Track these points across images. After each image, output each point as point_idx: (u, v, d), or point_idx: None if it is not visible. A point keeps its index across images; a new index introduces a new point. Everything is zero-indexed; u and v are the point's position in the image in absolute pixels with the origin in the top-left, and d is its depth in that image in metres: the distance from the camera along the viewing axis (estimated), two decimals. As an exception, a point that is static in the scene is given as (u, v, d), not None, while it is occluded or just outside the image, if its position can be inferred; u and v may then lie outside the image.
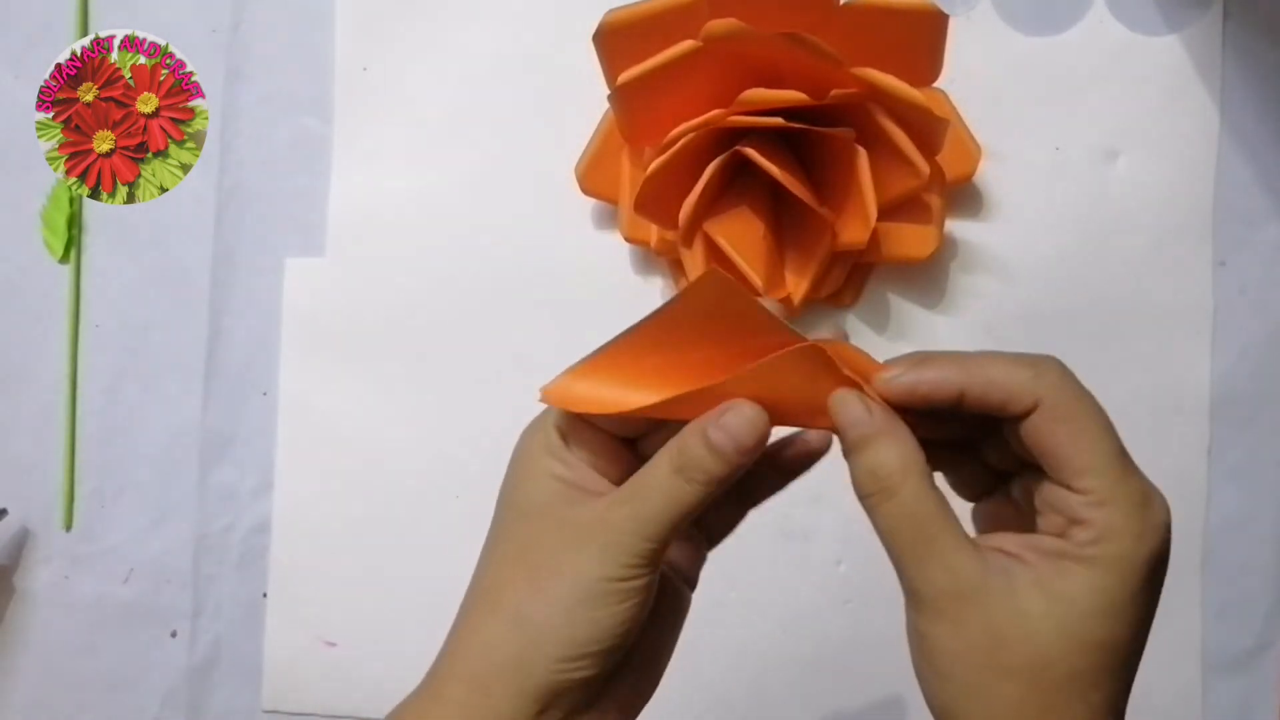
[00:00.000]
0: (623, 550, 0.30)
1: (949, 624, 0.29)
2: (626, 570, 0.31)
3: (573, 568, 0.31)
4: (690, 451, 0.31)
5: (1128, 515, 0.29)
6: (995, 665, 0.29)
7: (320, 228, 0.60)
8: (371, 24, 0.59)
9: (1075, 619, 0.28)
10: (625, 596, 0.31)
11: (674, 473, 0.31)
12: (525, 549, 0.32)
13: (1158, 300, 0.55)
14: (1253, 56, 0.54)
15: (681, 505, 0.31)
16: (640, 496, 0.31)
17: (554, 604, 0.31)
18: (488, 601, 0.32)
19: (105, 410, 0.61)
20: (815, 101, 0.48)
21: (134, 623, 0.60)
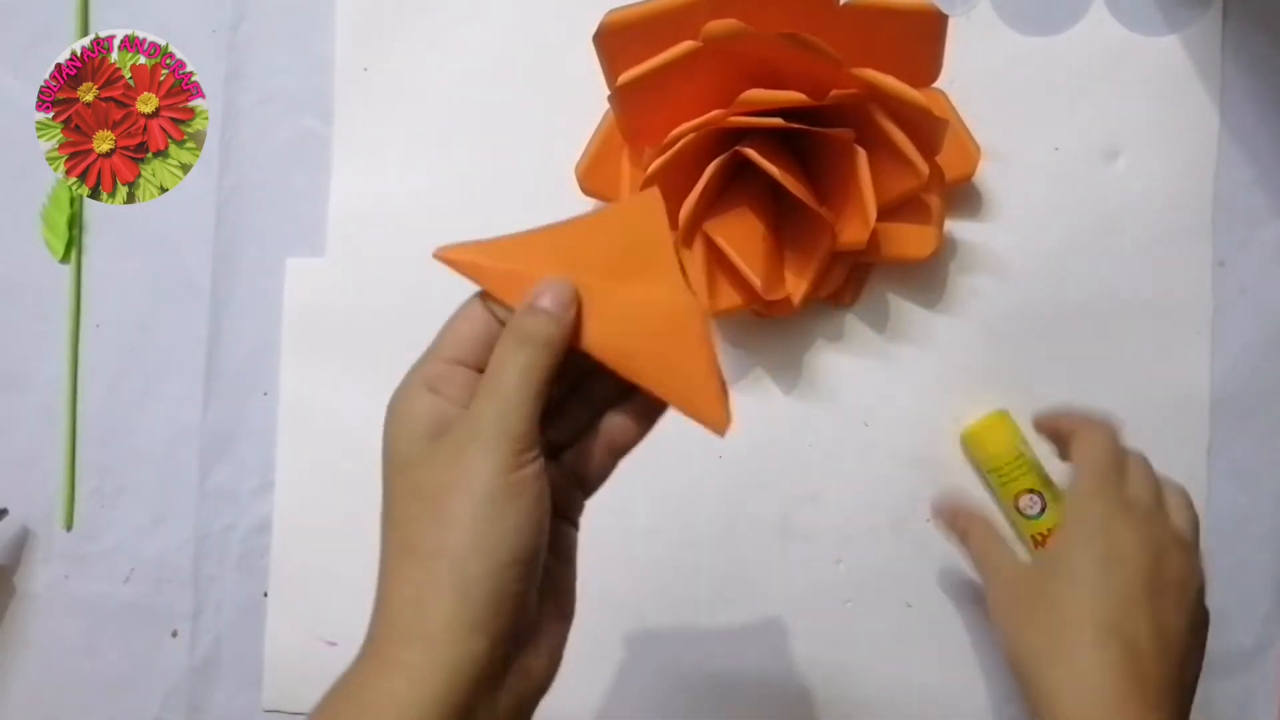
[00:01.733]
0: (503, 438, 0.32)
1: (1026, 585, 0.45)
2: (513, 458, 0.32)
3: (464, 480, 0.31)
4: (524, 324, 0.33)
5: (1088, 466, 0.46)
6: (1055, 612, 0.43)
7: (320, 228, 0.60)
8: (371, 24, 0.59)
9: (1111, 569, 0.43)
10: (521, 488, 0.32)
11: (517, 346, 0.33)
12: (416, 487, 0.33)
13: (1158, 300, 0.55)
14: (1253, 56, 0.54)
15: (533, 373, 0.33)
16: (496, 383, 0.33)
17: (460, 522, 0.31)
18: (400, 551, 0.33)
19: (105, 410, 0.61)
20: (815, 102, 0.48)
21: (134, 623, 0.60)
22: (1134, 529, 0.43)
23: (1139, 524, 0.44)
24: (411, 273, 0.59)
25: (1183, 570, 0.44)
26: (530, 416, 0.32)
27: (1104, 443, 0.46)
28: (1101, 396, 0.55)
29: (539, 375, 0.33)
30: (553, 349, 0.33)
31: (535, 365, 0.33)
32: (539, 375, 0.33)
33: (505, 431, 0.32)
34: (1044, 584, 0.44)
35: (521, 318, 0.34)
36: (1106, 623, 0.41)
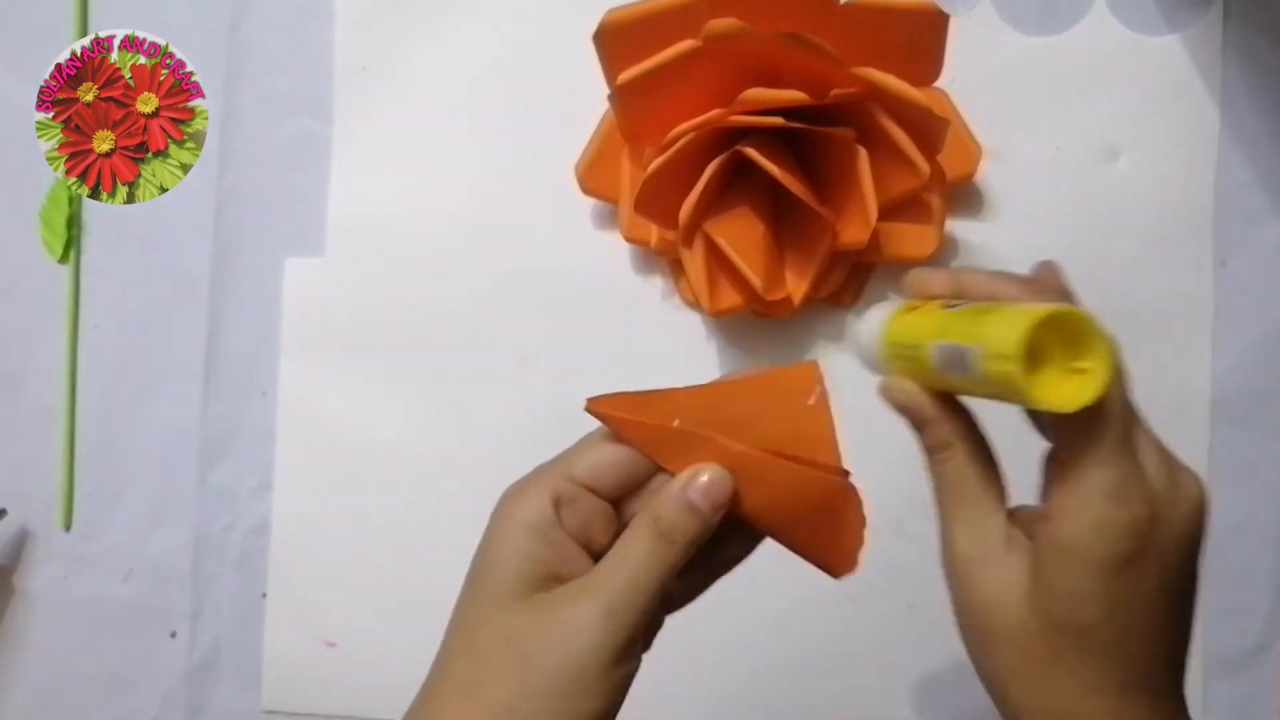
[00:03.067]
0: (618, 634, 0.31)
1: (966, 582, 0.32)
2: (622, 654, 0.31)
3: (566, 658, 0.31)
4: (673, 518, 0.32)
5: (1092, 507, 0.30)
6: (992, 630, 0.32)
7: (320, 228, 0.60)
8: (371, 24, 0.59)
9: (1047, 601, 0.31)
10: (619, 679, 0.32)
11: (658, 540, 0.32)
12: (510, 638, 0.32)
13: (1158, 300, 0.55)
14: (1253, 56, 0.54)
15: (666, 568, 0.32)
16: (627, 571, 0.32)
17: (548, 697, 0.31)
18: (467, 689, 0.32)
19: (105, 410, 0.61)
20: (815, 101, 0.48)
21: (134, 623, 0.60)
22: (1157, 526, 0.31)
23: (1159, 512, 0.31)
24: (411, 272, 0.59)
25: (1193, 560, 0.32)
26: (651, 613, 0.32)
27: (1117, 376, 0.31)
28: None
29: (671, 574, 0.32)
30: (692, 549, 0.33)
31: (671, 565, 0.32)
32: (671, 574, 0.32)
33: (623, 627, 0.31)
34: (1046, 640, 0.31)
35: (671, 509, 0.33)
36: (1128, 681, 0.32)
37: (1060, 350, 0.29)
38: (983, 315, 0.30)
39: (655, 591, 0.32)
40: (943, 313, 0.33)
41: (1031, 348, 0.28)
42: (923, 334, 0.33)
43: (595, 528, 0.34)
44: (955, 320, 0.32)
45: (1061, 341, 0.29)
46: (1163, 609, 0.31)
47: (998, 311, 0.30)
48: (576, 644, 0.31)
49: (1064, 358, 0.29)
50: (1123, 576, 0.30)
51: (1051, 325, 0.28)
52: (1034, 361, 0.28)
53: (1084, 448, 0.30)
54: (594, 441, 0.34)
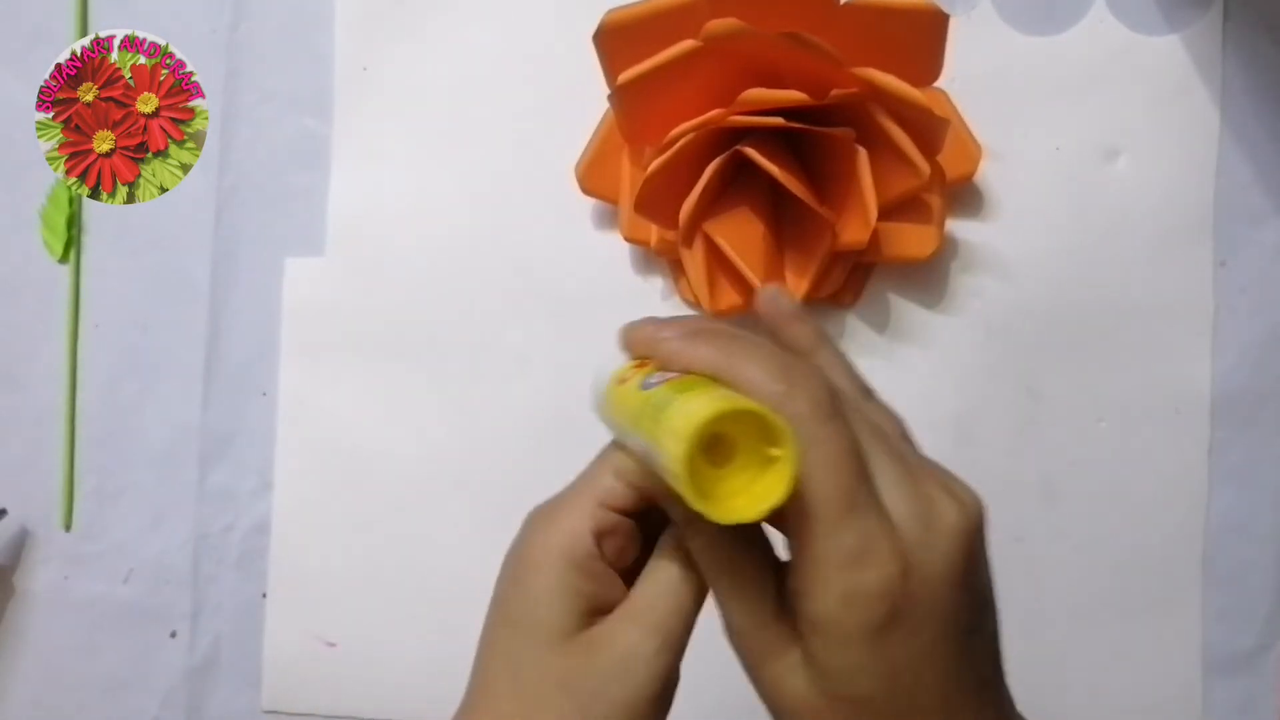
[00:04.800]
0: (671, 653, 0.31)
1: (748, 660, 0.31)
2: (674, 674, 0.31)
3: (624, 690, 0.31)
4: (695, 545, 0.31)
5: (832, 578, 0.27)
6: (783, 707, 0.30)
7: (320, 227, 0.60)
8: (371, 24, 0.59)
9: (819, 677, 0.28)
10: (671, 701, 0.32)
11: (690, 559, 0.31)
12: (564, 680, 0.31)
13: (1158, 300, 0.55)
14: (1253, 56, 0.54)
15: (702, 587, 0.31)
16: (670, 592, 0.31)
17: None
18: None
19: (105, 410, 0.61)
20: (815, 101, 0.48)
21: (134, 623, 0.60)
22: None
23: None
24: (411, 272, 0.59)
25: None
26: (687, 634, 0.32)
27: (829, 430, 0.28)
28: (1101, 396, 0.55)
29: (705, 594, 0.31)
30: None
31: (703, 583, 0.31)
32: (705, 594, 0.31)
33: (674, 651, 0.31)
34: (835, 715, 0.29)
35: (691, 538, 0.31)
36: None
37: (750, 436, 0.26)
38: (658, 410, 0.27)
39: (695, 611, 0.32)
40: (639, 393, 0.29)
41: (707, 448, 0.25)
42: (626, 419, 0.30)
43: (629, 549, 0.33)
44: (646, 409, 0.28)
45: (747, 429, 0.25)
46: (947, 654, 0.28)
47: (669, 409, 0.26)
48: (634, 677, 0.30)
49: (756, 442, 0.26)
50: (888, 640, 0.27)
51: (718, 425, 0.25)
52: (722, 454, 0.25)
53: (805, 521, 0.27)
54: (615, 457, 0.32)
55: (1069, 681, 0.55)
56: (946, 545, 0.28)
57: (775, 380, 0.27)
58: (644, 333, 0.31)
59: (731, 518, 0.25)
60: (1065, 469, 0.54)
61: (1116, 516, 0.54)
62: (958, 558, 0.28)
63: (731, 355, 0.28)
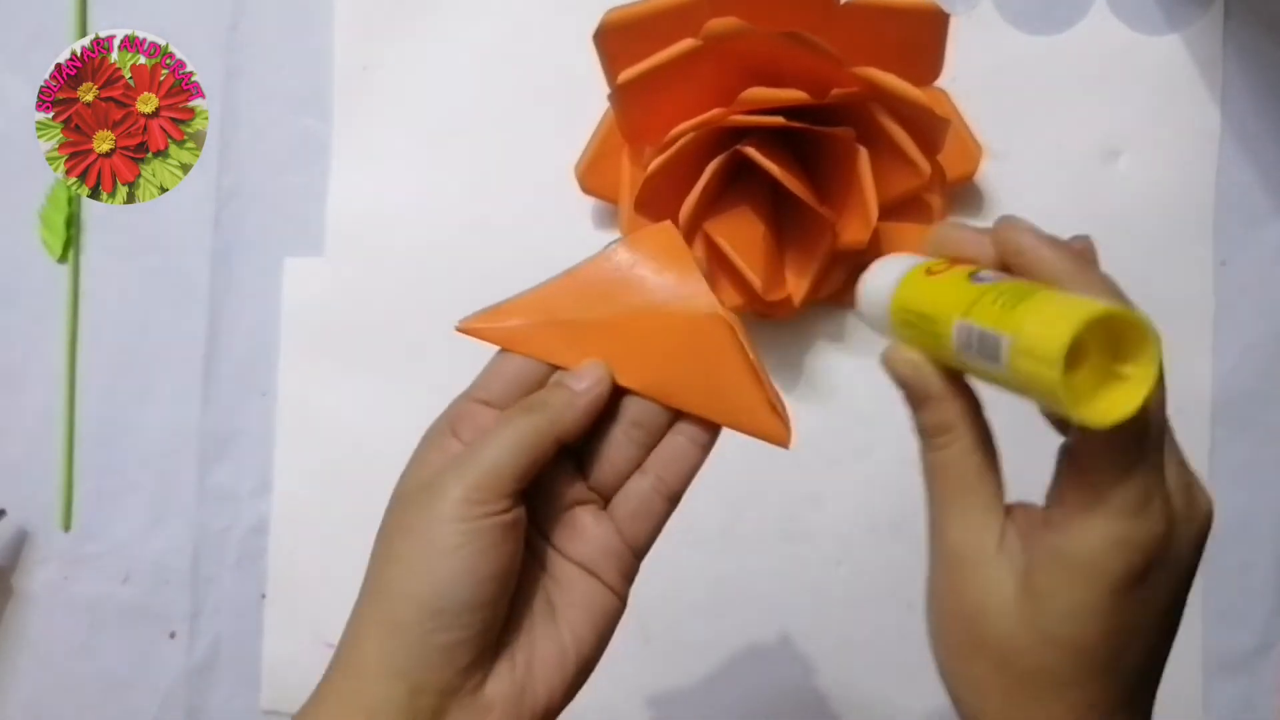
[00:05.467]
0: (463, 486, 0.31)
1: (952, 582, 0.30)
2: (470, 508, 0.31)
3: (418, 523, 0.31)
4: (545, 394, 0.33)
5: (1110, 519, 0.27)
6: (973, 638, 0.29)
7: (319, 227, 0.59)
8: (371, 24, 0.59)
9: (1041, 615, 0.28)
10: (471, 538, 0.31)
11: (521, 410, 0.33)
12: (386, 526, 0.33)
13: (1158, 300, 0.54)
14: (1254, 56, 0.54)
15: (526, 437, 0.32)
16: (486, 438, 0.32)
17: (399, 563, 0.31)
18: (363, 586, 0.33)
19: (104, 410, 0.61)
20: (816, 101, 0.48)
21: (133, 623, 0.60)
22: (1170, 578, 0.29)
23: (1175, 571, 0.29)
24: (411, 272, 0.59)
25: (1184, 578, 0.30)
26: (501, 473, 0.31)
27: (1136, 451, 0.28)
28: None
29: (531, 441, 0.32)
30: (557, 422, 0.33)
31: (530, 431, 0.32)
32: (531, 441, 0.32)
33: (469, 481, 0.31)
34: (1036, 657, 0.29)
35: (546, 391, 0.34)
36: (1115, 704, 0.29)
37: (1100, 351, 0.25)
38: (1020, 300, 0.26)
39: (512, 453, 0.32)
40: (971, 285, 0.28)
41: (1074, 351, 0.25)
42: (944, 306, 0.29)
43: None
44: (986, 298, 0.27)
45: (1104, 341, 0.25)
46: (1162, 629, 0.29)
47: (1037, 298, 0.26)
48: (428, 511, 0.31)
49: (1104, 359, 0.25)
50: (1130, 595, 0.27)
51: (1100, 327, 0.25)
52: (1073, 363, 0.25)
53: (1114, 458, 0.27)
54: (491, 361, 0.35)
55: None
56: (1198, 527, 0.29)
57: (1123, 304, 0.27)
58: (979, 231, 0.30)
59: (1094, 415, 0.25)
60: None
61: (1117, 517, 0.54)
62: (1201, 541, 0.29)
63: (1083, 270, 0.28)
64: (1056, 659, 0.28)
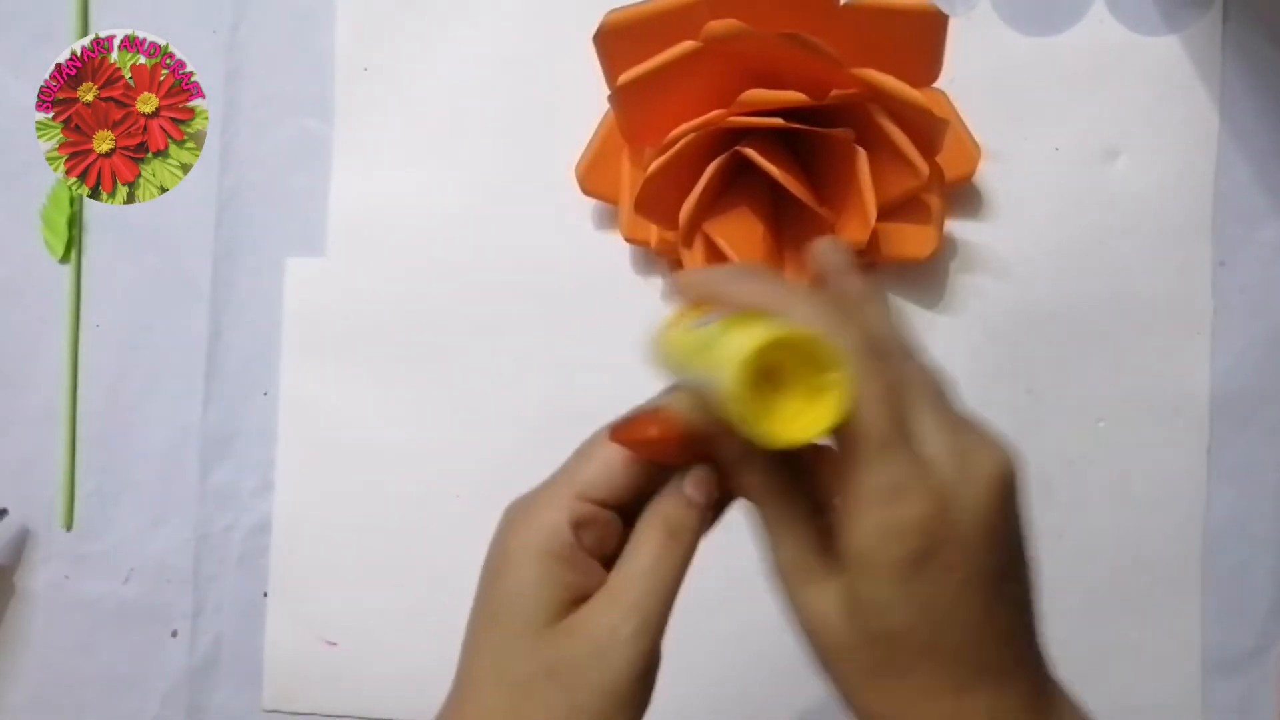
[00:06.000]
0: (648, 639, 0.31)
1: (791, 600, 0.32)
2: (653, 658, 0.32)
3: (605, 674, 0.31)
4: (674, 515, 0.32)
5: (870, 512, 0.28)
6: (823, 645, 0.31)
7: (320, 228, 0.60)
8: (372, 24, 0.59)
9: (854, 611, 0.30)
10: (652, 684, 0.32)
11: (666, 538, 0.32)
12: (549, 668, 0.31)
13: (1158, 300, 0.55)
14: (1253, 57, 0.54)
15: (680, 565, 0.32)
16: (646, 575, 0.32)
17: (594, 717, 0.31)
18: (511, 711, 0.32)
19: (105, 410, 0.61)
20: (815, 102, 0.48)
21: (134, 623, 0.60)
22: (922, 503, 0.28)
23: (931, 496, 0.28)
24: (412, 272, 0.59)
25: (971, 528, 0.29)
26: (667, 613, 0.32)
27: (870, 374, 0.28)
28: (1101, 396, 0.55)
29: (684, 570, 0.33)
30: (698, 541, 0.33)
31: (683, 561, 0.33)
32: (684, 570, 0.33)
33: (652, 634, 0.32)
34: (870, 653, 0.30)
35: (670, 506, 0.33)
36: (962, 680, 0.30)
37: (801, 366, 0.26)
38: (712, 343, 0.28)
39: (673, 591, 0.32)
40: (692, 331, 0.30)
41: (759, 378, 0.26)
42: (679, 356, 0.31)
43: (609, 539, 0.33)
44: (697, 344, 0.29)
45: (799, 358, 0.26)
46: (976, 596, 0.29)
47: (724, 338, 0.27)
48: (613, 659, 0.31)
49: (807, 372, 0.27)
50: (920, 578, 0.28)
51: (773, 352, 0.26)
52: (772, 385, 0.26)
53: (848, 454, 0.28)
54: (599, 450, 0.33)
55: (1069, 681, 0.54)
56: (980, 490, 0.28)
57: (825, 317, 0.28)
58: (695, 277, 0.33)
59: (786, 439, 0.26)
60: (1064, 469, 0.54)
61: (1116, 517, 0.54)
62: (991, 503, 0.29)
63: (782, 294, 0.29)
64: (885, 653, 0.30)
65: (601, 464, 0.33)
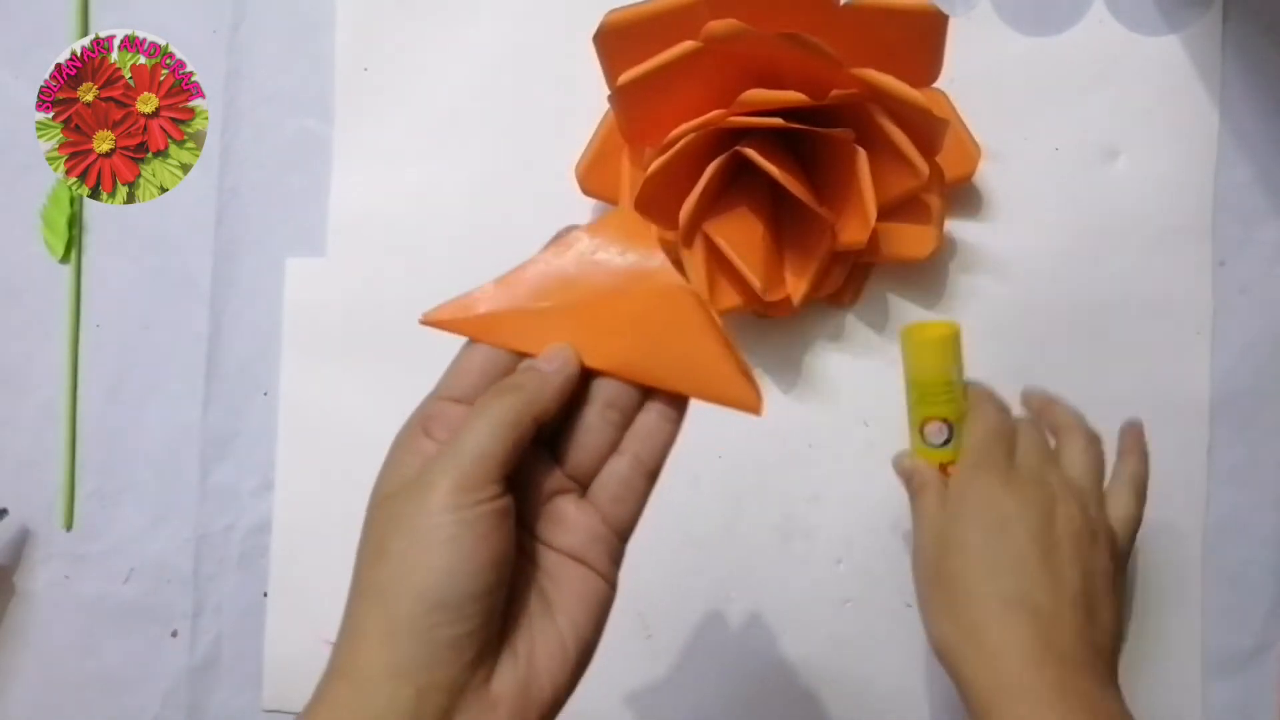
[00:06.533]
0: (451, 477, 0.31)
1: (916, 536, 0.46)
2: (459, 496, 0.31)
3: (407, 518, 0.31)
4: (517, 377, 0.34)
5: None
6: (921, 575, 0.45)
7: (320, 228, 0.60)
8: (372, 24, 0.59)
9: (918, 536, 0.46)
10: (464, 528, 0.31)
11: (496, 394, 0.33)
12: (372, 524, 0.33)
13: (1158, 300, 0.55)
14: (1252, 56, 0.54)
15: (506, 419, 0.32)
16: (465, 427, 0.32)
17: (392, 559, 0.31)
18: (352, 586, 0.33)
19: (105, 410, 0.61)
20: (815, 102, 0.48)
21: (134, 623, 0.60)
22: (1017, 493, 0.43)
23: (1024, 487, 0.44)
24: (411, 272, 0.59)
25: (1075, 521, 0.43)
26: (487, 458, 0.31)
27: (989, 417, 0.46)
28: (1101, 396, 0.55)
29: (511, 421, 0.32)
30: (534, 402, 0.33)
31: (509, 412, 0.32)
32: (511, 421, 0.32)
33: (456, 471, 0.31)
34: (942, 564, 0.44)
35: (519, 373, 0.34)
36: (1006, 594, 0.41)
37: None
38: None
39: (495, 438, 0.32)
40: None
41: None
42: None
43: None
44: None
45: None
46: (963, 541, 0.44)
47: None
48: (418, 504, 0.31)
49: None
50: (917, 525, 0.46)
51: None
52: None
53: None
54: (456, 359, 0.35)
55: (1068, 681, 0.55)
56: None
57: None
58: None
59: None
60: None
61: (1116, 516, 0.54)
62: None
63: None
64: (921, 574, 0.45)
65: (454, 364, 0.36)
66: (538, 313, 0.35)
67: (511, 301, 0.35)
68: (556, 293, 0.35)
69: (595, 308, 0.34)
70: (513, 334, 0.35)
